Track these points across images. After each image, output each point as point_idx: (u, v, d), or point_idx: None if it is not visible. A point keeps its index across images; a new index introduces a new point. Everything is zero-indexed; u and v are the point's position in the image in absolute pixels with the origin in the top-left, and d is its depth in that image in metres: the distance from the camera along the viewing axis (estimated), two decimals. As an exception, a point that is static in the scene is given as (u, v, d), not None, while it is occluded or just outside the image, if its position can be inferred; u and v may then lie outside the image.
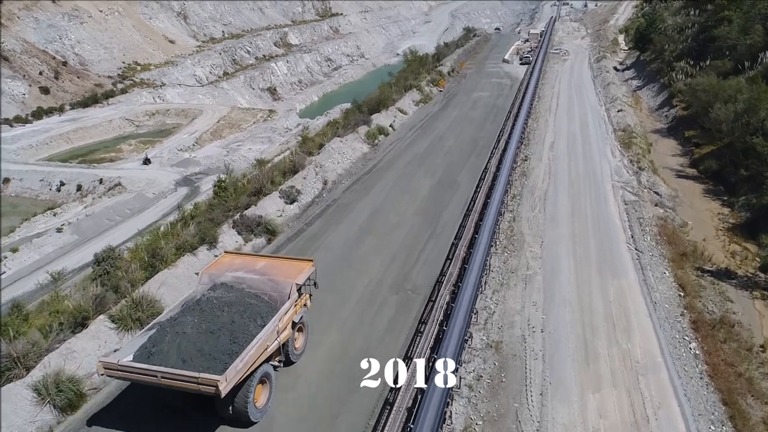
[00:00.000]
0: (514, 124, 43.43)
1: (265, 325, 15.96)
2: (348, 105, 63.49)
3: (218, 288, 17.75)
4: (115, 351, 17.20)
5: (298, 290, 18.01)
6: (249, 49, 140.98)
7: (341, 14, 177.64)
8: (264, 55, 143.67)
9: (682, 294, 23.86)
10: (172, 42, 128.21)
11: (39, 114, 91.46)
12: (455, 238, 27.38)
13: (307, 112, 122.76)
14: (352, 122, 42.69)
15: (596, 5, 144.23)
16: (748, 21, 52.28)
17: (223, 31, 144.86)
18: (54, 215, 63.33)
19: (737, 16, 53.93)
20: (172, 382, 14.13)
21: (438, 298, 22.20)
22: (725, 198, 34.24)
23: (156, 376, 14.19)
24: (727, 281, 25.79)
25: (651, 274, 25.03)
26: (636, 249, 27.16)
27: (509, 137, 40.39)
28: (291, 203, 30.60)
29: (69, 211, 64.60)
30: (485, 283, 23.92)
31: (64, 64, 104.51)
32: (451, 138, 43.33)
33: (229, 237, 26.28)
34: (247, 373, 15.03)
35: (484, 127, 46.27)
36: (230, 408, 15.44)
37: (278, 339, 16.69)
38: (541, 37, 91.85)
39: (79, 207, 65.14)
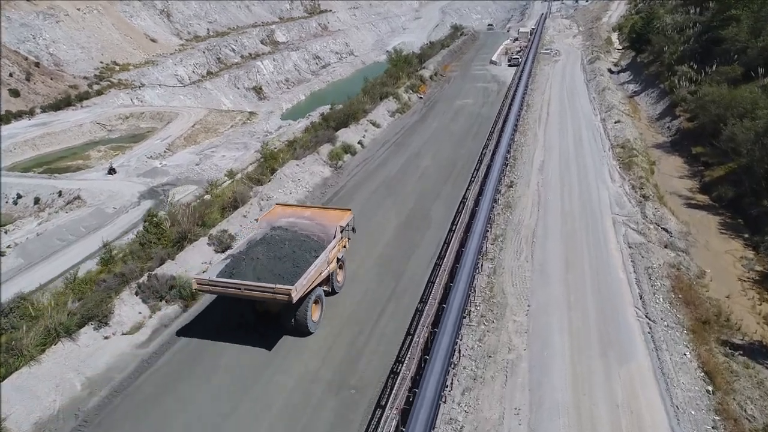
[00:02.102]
0: (498, 142, 36.96)
1: (318, 256, 18.99)
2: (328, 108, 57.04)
3: (276, 229, 20.74)
4: (203, 272, 20.36)
5: (341, 231, 20.92)
6: (234, 47, 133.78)
7: (330, 11, 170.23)
8: (250, 54, 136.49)
9: (710, 389, 17.62)
10: (153, 41, 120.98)
11: (7, 118, 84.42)
12: (421, 301, 21.11)
13: (294, 111, 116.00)
14: (313, 141, 36.16)
15: (588, 1, 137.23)
16: (759, 21, 45.80)
17: (208, 29, 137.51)
18: (5, 233, 56.61)
19: (746, 15, 47.40)
20: (253, 292, 17.31)
21: (388, 403, 15.88)
22: (747, 236, 27.92)
23: (239, 289, 17.36)
24: (763, 361, 19.55)
25: (668, 356, 18.76)
26: (647, 316, 20.85)
27: (492, 159, 33.95)
28: (223, 251, 24.16)
29: (23, 227, 57.87)
30: (454, 376, 17.62)
31: (37, 65, 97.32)
32: (428, 157, 36.84)
33: (129, 308, 19.86)
34: (308, 290, 18.00)
35: (464, 143, 39.80)
36: (293, 321, 18.52)
37: (328, 268, 19.83)
38: (531, 35, 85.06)
39: (33, 223, 58.42)
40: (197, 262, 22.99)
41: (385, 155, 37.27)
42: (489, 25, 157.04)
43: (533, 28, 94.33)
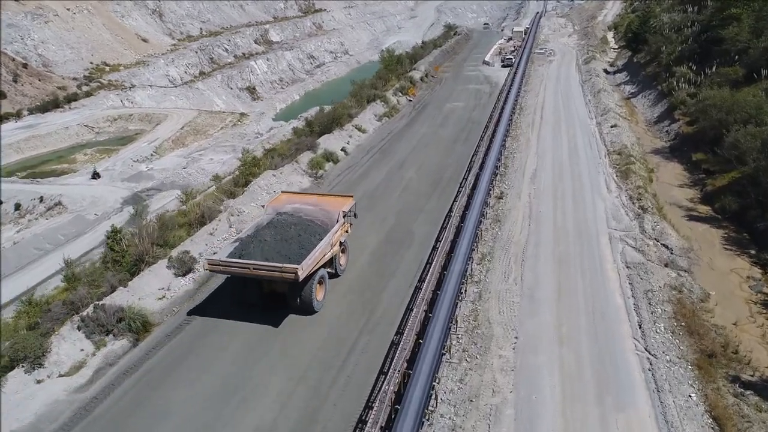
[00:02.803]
0: (488, 149, 34.62)
1: (322, 239, 19.71)
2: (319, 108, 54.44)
3: (282, 215, 21.55)
4: (213, 254, 20.70)
5: (344, 216, 21.72)
6: (227, 47, 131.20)
7: (325, 10, 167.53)
8: (243, 53, 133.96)
9: (719, 439, 15.39)
10: (145, 41, 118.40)
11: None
12: (398, 332, 18.84)
13: (288, 111, 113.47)
14: (293, 149, 33.79)
15: (583, 0, 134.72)
16: (760, 21, 43.47)
17: (201, 29, 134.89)
18: (-18, 241, 54.13)
19: (747, 14, 45.04)
20: (261, 272, 18.19)
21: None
22: (753, 252, 25.64)
23: (249, 268, 18.28)
24: (777, 402, 17.31)
25: (671, 399, 16.51)
26: (647, 350, 18.58)
27: (481, 168, 31.62)
28: (184, 275, 21.85)
29: (1, 235, 55.42)
30: (429, 426, 15.34)
31: (25, 66, 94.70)
32: (413, 167, 34.46)
33: (69, 345, 17.55)
34: (313, 270, 18.77)
35: (454, 150, 37.42)
36: (299, 300, 19.20)
37: (331, 251, 20.52)
38: (525, 35, 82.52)
39: (12, 231, 56.01)
40: (153, 289, 20.69)
41: (368, 164, 34.90)
42: (485, 24, 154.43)
43: (527, 27, 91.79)
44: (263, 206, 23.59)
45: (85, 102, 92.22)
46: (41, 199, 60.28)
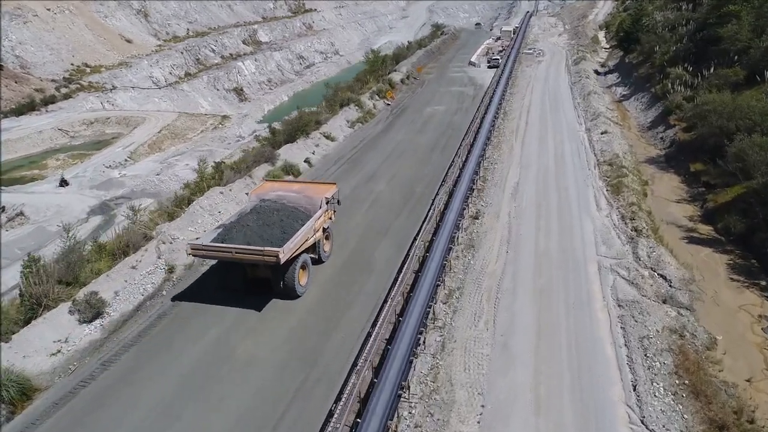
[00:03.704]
0: (466, 160, 30.71)
1: (305, 224, 19.74)
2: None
3: (265, 201, 21.64)
4: (196, 239, 20.12)
5: (327, 203, 21.62)
6: (214, 47, 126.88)
7: (315, 10, 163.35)
8: (231, 54, 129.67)
9: None
10: (129, 41, 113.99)
11: (-37, 125, 77.52)
12: (336, 400, 14.92)
13: (276, 112, 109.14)
14: (251, 160, 29.78)
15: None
16: (761, 18, 39.64)
17: (187, 29, 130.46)
18: (-64, 256, 49.94)
19: (746, 11, 41.17)
20: (243, 255, 18.06)
21: None
22: (764, 283, 21.84)
23: (231, 252, 18.11)
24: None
25: (675, 496, 12.64)
26: (643, 422, 14.74)
27: (456, 183, 27.72)
28: (91, 321, 17.90)
29: (-42, 248, 51.20)
30: None
31: (0, 68, 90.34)
32: (384, 179, 30.51)
33: None
34: (295, 254, 18.65)
35: (430, 160, 33.47)
36: (282, 284, 19.03)
37: (315, 236, 20.54)
38: (514, 34, 78.43)
39: (-30, 243, 51.73)
40: (46, 342, 16.71)
41: (335, 176, 30.82)
42: (477, 23, 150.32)
43: (516, 27, 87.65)
44: (247, 194, 24.02)
45: (62, 104, 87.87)
46: (3, 209, 56.12)
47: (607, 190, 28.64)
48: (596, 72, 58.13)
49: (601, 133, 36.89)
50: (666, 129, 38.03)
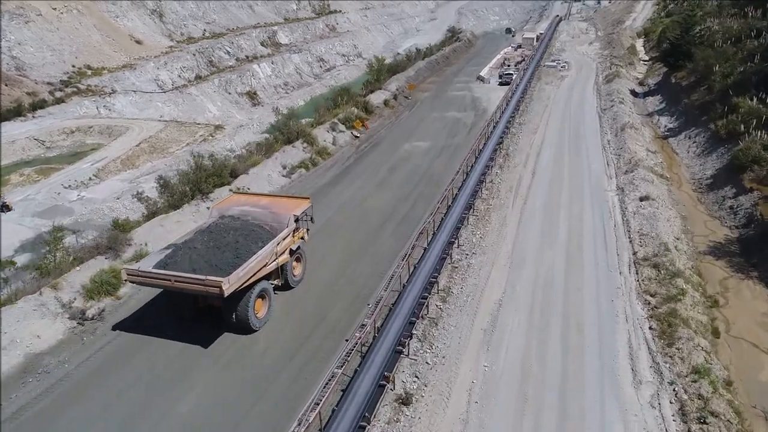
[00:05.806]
0: (423, 257, 17.75)
1: (264, 246, 16.56)
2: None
3: (226, 218, 18.39)
4: (135, 261, 17.07)
5: (296, 221, 18.37)
6: (229, 49, 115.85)
7: (339, 11, 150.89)
8: (247, 56, 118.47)
9: None
10: (138, 42, 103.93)
11: (-61, 132, 68.12)
12: None
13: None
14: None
15: (610, 2, 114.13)
16: None
17: (204, 30, 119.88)
18: None
19: None
20: (183, 284, 15.15)
21: None
22: None
23: (170, 280, 15.23)
24: None
25: None
26: None
27: (389, 317, 14.90)
28: None
29: None
30: None
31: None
32: (301, 285, 17.98)
33: None
34: (248, 282, 15.68)
35: (375, 241, 20.67)
36: (233, 316, 16.16)
37: (277, 260, 17.41)
38: (537, 41, 64.02)
39: None
40: None
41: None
42: (507, 29, 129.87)
43: (540, 34, 72.79)
44: (208, 208, 20.78)
45: (52, 110, 77.91)
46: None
47: (651, 331, 15.37)
48: (633, 93, 43.90)
49: (641, 199, 23.41)
50: (738, 193, 24.23)
